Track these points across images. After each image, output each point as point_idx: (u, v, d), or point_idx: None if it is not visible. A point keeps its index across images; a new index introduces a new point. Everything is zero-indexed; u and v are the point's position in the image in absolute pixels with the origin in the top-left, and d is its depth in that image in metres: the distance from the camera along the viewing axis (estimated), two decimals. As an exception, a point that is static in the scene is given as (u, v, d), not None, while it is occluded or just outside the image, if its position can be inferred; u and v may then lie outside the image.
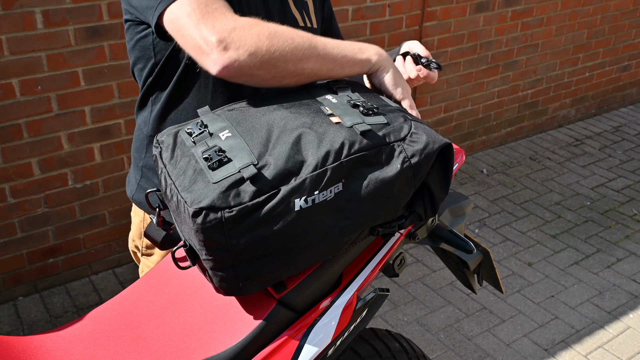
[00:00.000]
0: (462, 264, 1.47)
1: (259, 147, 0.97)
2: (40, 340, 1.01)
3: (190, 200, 0.92)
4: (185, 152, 1.01)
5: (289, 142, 0.97)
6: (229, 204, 0.90)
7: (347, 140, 0.97)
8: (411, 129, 1.02)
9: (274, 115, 1.02)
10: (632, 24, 4.31)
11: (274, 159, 0.95)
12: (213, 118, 1.04)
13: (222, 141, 0.99)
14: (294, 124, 1.00)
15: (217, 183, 0.92)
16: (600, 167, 3.80)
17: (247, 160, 0.94)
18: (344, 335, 1.12)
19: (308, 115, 1.02)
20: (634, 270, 2.87)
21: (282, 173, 0.94)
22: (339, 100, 1.06)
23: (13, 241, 2.52)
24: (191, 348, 0.98)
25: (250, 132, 1.00)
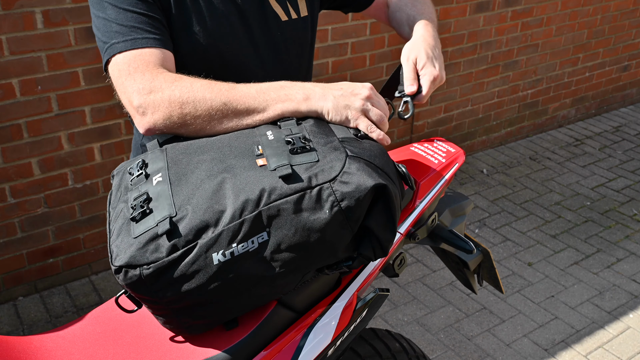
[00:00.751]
0: (462, 264, 1.47)
1: (183, 195, 0.93)
2: (40, 340, 1.01)
3: (114, 255, 0.91)
4: (122, 196, 1.00)
5: (209, 190, 0.92)
6: (146, 260, 0.88)
7: (267, 187, 0.91)
8: (343, 168, 0.93)
9: (206, 156, 0.99)
10: (632, 24, 4.31)
11: (192, 210, 0.90)
12: (155, 156, 1.02)
13: (152, 187, 0.96)
14: (219, 168, 0.95)
15: (137, 238, 0.90)
16: (600, 167, 3.80)
17: (166, 213, 0.90)
18: (344, 335, 1.12)
19: (236, 156, 0.97)
20: (634, 270, 2.87)
21: (199, 226, 0.89)
22: (276, 136, 1.00)
23: (13, 241, 2.52)
24: (191, 348, 0.98)
25: (181, 176, 0.96)
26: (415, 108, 3.49)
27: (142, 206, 0.93)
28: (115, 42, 1.13)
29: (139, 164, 1.01)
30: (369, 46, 3.15)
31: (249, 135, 1.03)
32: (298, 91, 1.07)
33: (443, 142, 1.45)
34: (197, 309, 0.93)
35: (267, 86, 1.08)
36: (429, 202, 1.29)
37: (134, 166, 1.02)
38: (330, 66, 3.06)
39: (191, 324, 0.96)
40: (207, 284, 0.90)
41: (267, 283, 0.94)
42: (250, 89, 1.07)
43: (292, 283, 0.98)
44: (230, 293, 0.93)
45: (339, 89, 1.07)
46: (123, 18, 1.13)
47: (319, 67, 3.02)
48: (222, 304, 0.94)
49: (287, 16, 1.33)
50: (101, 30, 1.15)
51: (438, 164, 1.35)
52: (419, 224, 1.29)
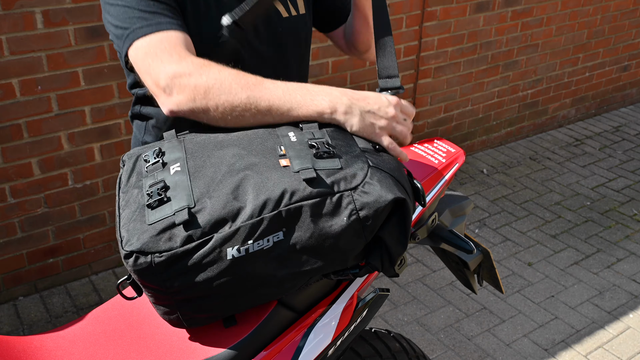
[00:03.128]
0: (462, 264, 1.47)
1: (201, 187, 0.93)
2: (40, 340, 1.01)
3: (125, 240, 0.90)
4: (137, 182, 0.99)
5: (230, 186, 0.92)
6: (159, 249, 0.88)
7: (289, 188, 0.91)
8: (365, 178, 0.94)
9: (227, 152, 0.98)
10: (632, 24, 4.31)
11: (211, 204, 0.90)
12: (173, 146, 1.02)
13: (170, 176, 0.96)
14: (241, 164, 0.95)
15: (151, 225, 0.89)
16: (600, 167, 3.80)
17: (184, 203, 0.90)
18: (344, 335, 1.12)
19: (258, 154, 0.97)
20: (634, 270, 2.87)
21: (217, 220, 0.89)
22: (299, 138, 1.00)
23: (13, 241, 2.52)
24: (191, 348, 0.98)
25: (199, 168, 0.96)
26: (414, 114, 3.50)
27: (160, 194, 0.92)
28: (138, 27, 1.13)
29: (155, 152, 1.01)
30: (369, 46, 3.15)
31: (270, 135, 1.02)
32: (324, 98, 1.05)
33: (443, 142, 1.45)
34: (201, 302, 0.93)
35: (294, 87, 1.06)
36: (429, 202, 1.29)
37: (149, 153, 1.01)
38: (330, 66, 3.06)
39: (192, 316, 0.95)
40: (216, 278, 0.90)
41: (275, 283, 0.94)
42: (277, 87, 1.06)
43: (298, 285, 0.98)
44: (237, 289, 0.93)
45: (366, 103, 1.06)
46: (144, 5, 1.14)
47: (319, 67, 3.02)
48: (227, 299, 0.94)
49: (288, 13, 1.35)
50: (120, 18, 1.15)
51: (438, 164, 1.35)
52: (419, 224, 1.29)
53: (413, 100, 3.48)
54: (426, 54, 3.38)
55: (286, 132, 1.02)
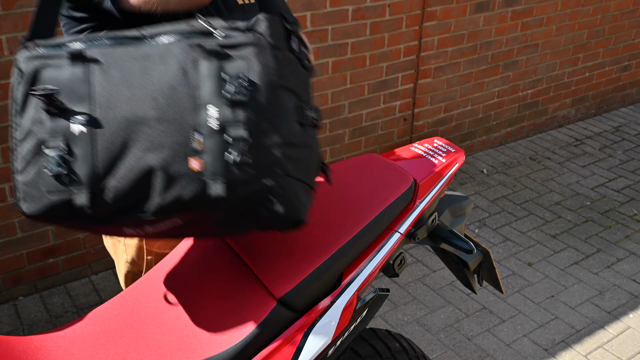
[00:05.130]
0: (462, 264, 1.47)
1: (105, 163, 0.92)
2: (41, 340, 1.01)
3: (21, 197, 0.94)
4: (33, 125, 0.95)
5: (135, 176, 0.93)
6: (56, 218, 0.95)
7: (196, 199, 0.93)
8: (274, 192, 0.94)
9: (137, 136, 0.94)
10: (632, 24, 4.31)
11: (114, 192, 0.93)
12: (77, 80, 0.95)
13: (73, 135, 0.93)
14: (151, 156, 0.93)
15: (49, 195, 0.93)
16: (601, 167, 3.80)
17: (85, 185, 0.92)
18: (344, 335, 1.12)
19: (171, 145, 0.93)
20: (634, 270, 2.87)
21: (119, 210, 0.94)
22: (221, 114, 0.93)
23: (13, 241, 2.52)
24: (191, 348, 0.98)
25: (106, 137, 0.93)
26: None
27: (59, 164, 0.92)
28: None
29: (55, 92, 0.95)
30: (368, 46, 3.15)
31: (188, 106, 0.94)
32: None
33: (443, 142, 1.45)
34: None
35: None
36: (429, 202, 1.29)
37: (54, 73, 0.96)
38: (330, 66, 3.06)
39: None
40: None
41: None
42: None
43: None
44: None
45: None
46: None
47: (319, 67, 3.02)
48: None
49: (243, 0, 1.38)
50: None
51: (438, 164, 1.35)
52: (419, 224, 1.29)
53: (413, 101, 3.49)
54: (426, 54, 3.38)
55: (206, 104, 0.94)
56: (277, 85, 0.96)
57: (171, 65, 0.95)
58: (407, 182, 1.26)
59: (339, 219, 1.17)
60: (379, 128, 3.42)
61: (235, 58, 0.95)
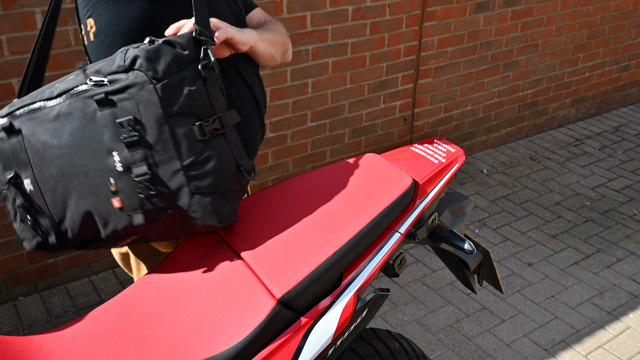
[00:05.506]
0: (462, 264, 1.47)
1: (57, 211, 1.13)
2: (41, 340, 1.01)
3: (19, 238, 1.22)
4: (2, 187, 1.18)
5: (79, 218, 1.13)
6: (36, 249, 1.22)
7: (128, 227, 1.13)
8: (189, 209, 1.10)
9: (70, 182, 1.12)
10: (632, 24, 4.31)
11: (71, 230, 1.15)
12: (14, 148, 1.15)
13: (27, 193, 1.15)
14: (84, 204, 1.12)
15: (29, 242, 1.20)
16: (601, 167, 3.80)
17: (50, 228, 1.15)
18: (344, 335, 1.12)
19: (95, 191, 1.10)
20: (634, 270, 2.87)
21: (81, 241, 1.16)
22: (124, 163, 1.07)
23: (13, 241, 2.52)
24: (191, 348, 0.98)
25: (50, 189, 1.13)
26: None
27: (27, 218, 1.15)
28: None
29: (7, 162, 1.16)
30: (368, 46, 3.15)
31: (100, 154, 1.08)
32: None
33: (443, 142, 1.45)
34: None
35: None
36: (429, 202, 1.29)
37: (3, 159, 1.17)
38: (330, 66, 3.06)
39: None
40: None
41: None
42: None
43: None
44: None
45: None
46: None
47: (319, 67, 3.02)
48: None
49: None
50: None
51: (438, 164, 1.35)
52: (419, 224, 1.29)
53: (413, 101, 3.49)
54: (426, 54, 3.38)
55: (111, 155, 1.08)
56: (164, 117, 1.05)
57: (75, 122, 1.08)
58: (407, 182, 1.26)
59: (339, 219, 1.17)
60: (379, 128, 3.42)
61: (123, 101, 1.05)
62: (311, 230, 1.14)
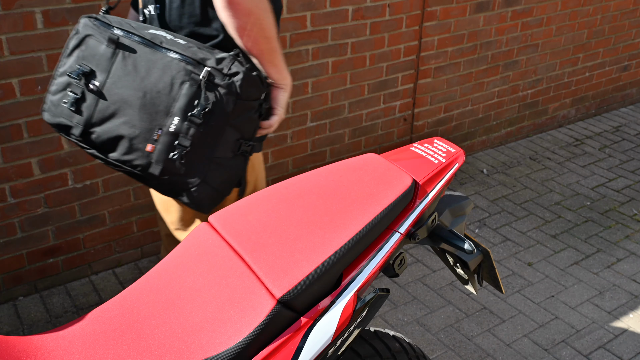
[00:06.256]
0: (462, 264, 1.47)
1: (98, 117, 1.38)
2: (40, 340, 1.01)
3: (46, 107, 1.45)
4: (70, 69, 1.43)
5: (111, 133, 1.40)
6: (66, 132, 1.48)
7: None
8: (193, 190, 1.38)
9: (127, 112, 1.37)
10: (632, 24, 4.31)
11: (97, 133, 1.41)
12: (103, 56, 1.38)
13: (87, 89, 1.39)
14: (124, 130, 1.38)
15: (58, 114, 1.44)
16: (601, 167, 3.80)
17: (82, 122, 1.41)
18: (344, 335, 1.12)
19: (140, 129, 1.36)
20: (634, 270, 2.87)
21: (94, 147, 1.45)
22: (180, 125, 1.35)
23: (13, 241, 2.52)
24: (191, 348, 0.98)
25: (104, 105, 1.39)
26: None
27: (73, 103, 1.38)
28: None
29: (83, 69, 1.38)
30: (369, 46, 3.15)
31: (163, 109, 1.34)
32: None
33: (443, 142, 1.45)
34: None
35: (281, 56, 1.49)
36: (429, 202, 1.29)
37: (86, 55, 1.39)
38: (330, 66, 3.06)
39: None
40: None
41: None
42: (281, 53, 1.50)
43: None
44: None
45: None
46: None
47: (319, 67, 3.02)
48: None
49: None
50: None
51: (438, 164, 1.35)
52: (419, 224, 1.29)
53: (413, 101, 3.49)
54: (426, 54, 3.38)
55: (174, 114, 1.33)
56: (226, 123, 1.34)
57: (166, 76, 1.33)
58: (407, 182, 1.26)
59: (339, 219, 1.17)
60: (379, 128, 3.42)
61: (210, 91, 1.32)
62: (311, 230, 1.14)
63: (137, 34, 1.38)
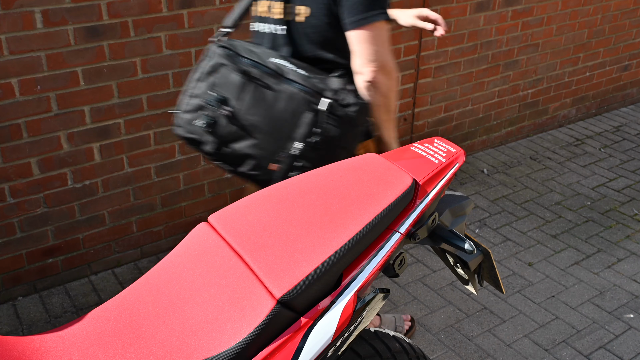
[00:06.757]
0: (463, 264, 1.47)
1: (229, 138, 1.60)
2: (40, 341, 1.00)
3: (176, 124, 1.68)
4: (204, 93, 1.65)
5: (240, 152, 1.63)
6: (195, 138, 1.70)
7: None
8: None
9: (257, 133, 1.62)
10: (633, 24, 4.31)
11: (227, 151, 1.64)
12: (236, 87, 1.59)
13: (221, 115, 1.60)
14: (251, 150, 1.63)
15: (191, 133, 1.67)
16: (601, 166, 3.80)
17: (213, 140, 1.64)
18: (344, 335, 1.12)
19: (266, 150, 1.60)
20: (635, 270, 2.87)
21: (224, 162, 1.69)
22: (301, 150, 1.58)
23: (12, 241, 2.52)
24: (191, 348, 0.97)
25: (237, 125, 1.60)
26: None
27: (207, 124, 1.59)
28: (382, 12, 1.57)
29: (217, 97, 1.59)
30: (369, 46, 3.14)
31: (286, 135, 1.58)
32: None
33: (443, 142, 1.44)
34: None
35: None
36: (429, 202, 1.29)
37: (221, 84, 1.60)
38: (330, 66, 3.05)
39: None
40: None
41: None
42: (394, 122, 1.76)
43: None
44: None
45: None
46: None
47: (319, 66, 3.01)
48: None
49: None
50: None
51: (438, 163, 1.35)
52: (419, 224, 1.29)
53: (413, 100, 3.48)
54: (426, 54, 3.38)
55: (294, 139, 1.56)
56: (339, 146, 1.57)
57: (290, 106, 1.54)
58: (407, 182, 1.26)
59: (339, 219, 1.17)
60: (379, 128, 3.42)
61: (328, 120, 1.53)
62: (311, 230, 1.14)
63: (263, 64, 1.57)
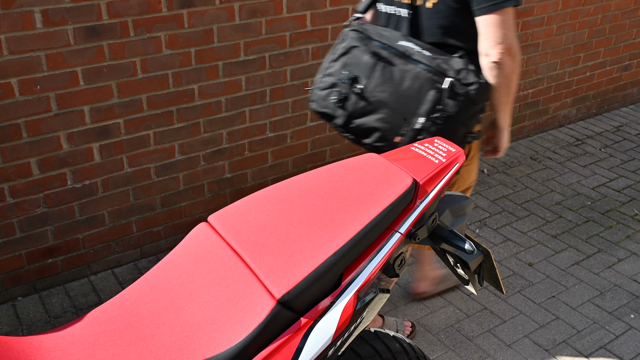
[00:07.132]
0: (463, 264, 1.47)
1: (358, 113, 1.78)
2: (39, 341, 1.00)
3: (312, 98, 1.89)
4: (337, 72, 1.84)
5: (368, 125, 1.80)
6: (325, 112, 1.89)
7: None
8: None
9: (386, 108, 1.79)
10: (633, 24, 4.31)
11: (355, 124, 1.82)
12: (373, 70, 1.76)
13: (351, 92, 1.79)
14: (379, 124, 1.80)
15: (325, 107, 1.88)
16: (601, 166, 3.80)
17: (344, 114, 1.82)
18: (344, 336, 1.12)
19: (392, 124, 1.76)
20: (635, 270, 2.87)
21: (351, 133, 1.87)
22: (424, 124, 1.71)
23: (12, 241, 2.51)
24: (191, 348, 0.97)
25: (366, 101, 1.78)
26: None
27: (340, 100, 1.76)
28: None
29: (350, 76, 1.76)
30: (369, 46, 3.14)
31: (412, 111, 1.71)
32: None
33: (443, 142, 1.44)
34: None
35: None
36: (429, 202, 1.29)
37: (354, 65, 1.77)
38: (331, 66, 3.05)
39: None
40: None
41: None
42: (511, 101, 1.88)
43: None
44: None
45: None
46: None
47: (319, 66, 3.01)
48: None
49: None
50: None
51: (438, 163, 1.35)
52: (419, 224, 1.28)
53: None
54: (426, 54, 3.38)
55: (419, 115, 1.68)
56: (460, 122, 1.68)
57: (416, 84, 1.68)
58: (407, 182, 1.26)
59: (339, 219, 1.16)
60: (379, 128, 3.42)
61: (451, 97, 1.65)
62: (311, 230, 1.14)
63: (392, 46, 1.72)
